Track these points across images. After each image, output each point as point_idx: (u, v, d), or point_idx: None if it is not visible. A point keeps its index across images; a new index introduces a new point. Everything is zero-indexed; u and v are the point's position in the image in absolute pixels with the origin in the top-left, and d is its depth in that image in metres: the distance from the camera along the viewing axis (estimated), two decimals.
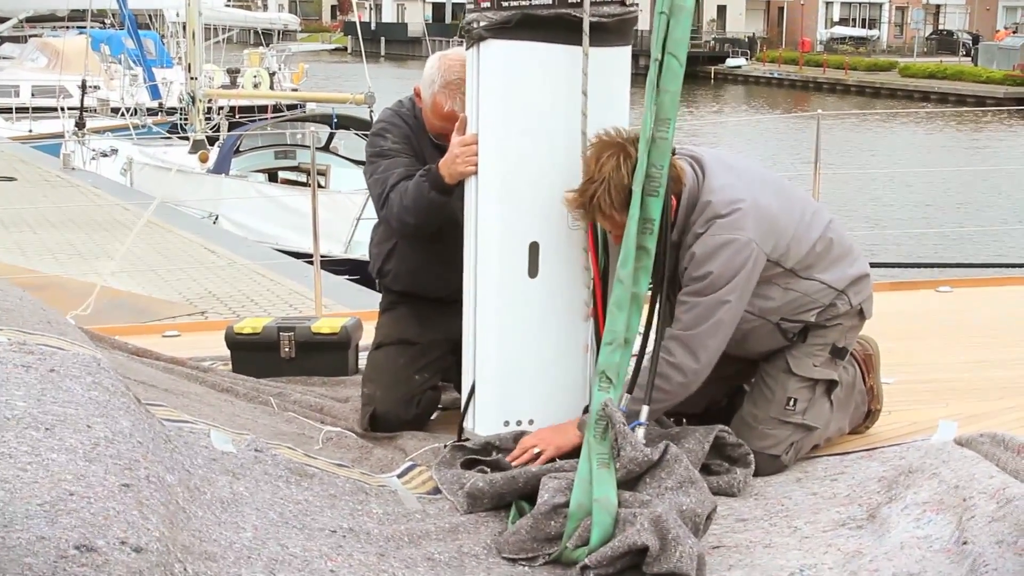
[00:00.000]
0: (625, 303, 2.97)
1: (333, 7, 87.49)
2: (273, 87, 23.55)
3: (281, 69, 25.82)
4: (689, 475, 2.87)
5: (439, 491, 3.17)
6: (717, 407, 3.61)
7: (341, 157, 15.13)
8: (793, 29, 63.87)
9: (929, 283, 6.44)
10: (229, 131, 17.52)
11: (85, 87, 19.82)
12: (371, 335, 4.06)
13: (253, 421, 3.57)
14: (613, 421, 2.87)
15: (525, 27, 3.18)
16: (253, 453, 2.91)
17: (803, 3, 64.12)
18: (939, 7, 66.43)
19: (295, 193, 13.38)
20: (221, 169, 14.74)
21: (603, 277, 3.33)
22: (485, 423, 3.36)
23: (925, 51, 59.28)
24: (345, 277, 9.60)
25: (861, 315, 3.46)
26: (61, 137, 18.34)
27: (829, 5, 65.09)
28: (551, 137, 3.26)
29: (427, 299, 3.84)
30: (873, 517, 2.95)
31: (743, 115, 38.82)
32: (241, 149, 15.32)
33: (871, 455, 3.45)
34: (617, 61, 3.33)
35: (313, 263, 6.60)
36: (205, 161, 15.44)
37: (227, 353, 4.49)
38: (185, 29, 18.66)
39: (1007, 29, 57.89)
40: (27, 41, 30.38)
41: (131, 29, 23.55)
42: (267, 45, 28.08)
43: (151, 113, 21.49)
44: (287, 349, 4.40)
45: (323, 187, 14.16)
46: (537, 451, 3.17)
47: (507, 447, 3.26)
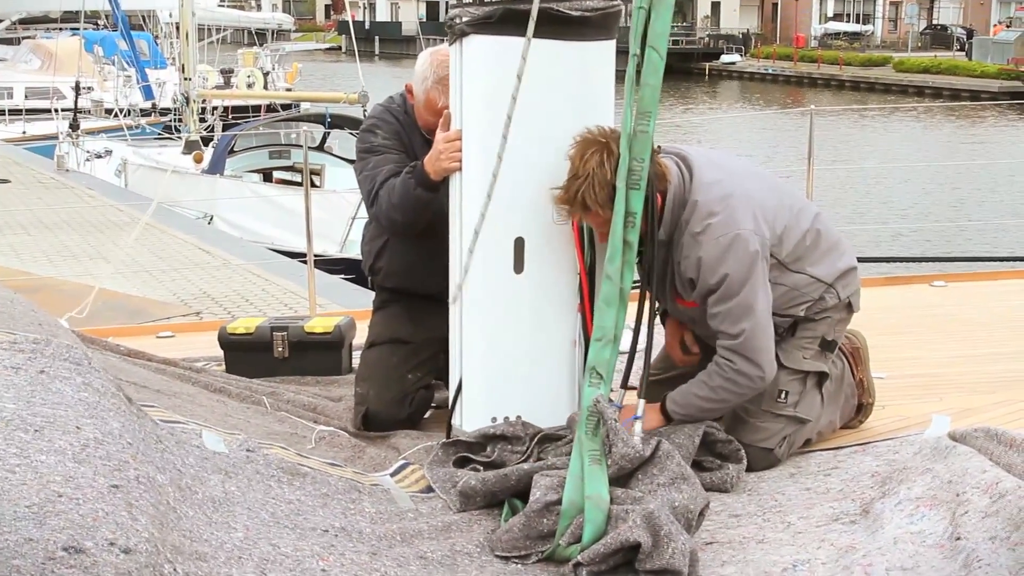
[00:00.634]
0: (614, 299, 2.97)
1: (327, 6, 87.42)
2: (267, 87, 23.53)
3: (275, 69, 25.80)
4: (681, 471, 2.87)
5: (432, 490, 3.16)
6: None
7: (336, 156, 15.11)
8: (787, 25, 63.86)
9: (923, 278, 6.43)
10: (223, 131, 17.50)
11: (79, 88, 19.79)
12: (364, 334, 4.06)
13: (246, 421, 3.56)
14: (604, 417, 2.86)
15: (508, 22, 3.17)
16: (245, 453, 2.91)
17: None
18: (933, 2, 66.46)
19: (289, 193, 13.37)
20: (215, 169, 14.71)
21: (589, 273, 3.33)
22: (472, 419, 3.36)
23: (919, 46, 59.30)
24: (340, 276, 9.60)
25: (849, 308, 3.46)
26: (55, 139, 18.33)
27: (823, 1, 65.10)
28: (535, 132, 3.25)
29: (419, 296, 3.83)
30: (866, 512, 2.94)
31: (738, 111, 38.83)
32: (235, 149, 15.29)
33: (864, 450, 3.44)
34: (601, 55, 3.32)
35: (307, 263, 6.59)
36: (200, 161, 15.40)
37: (221, 353, 4.49)
38: (178, 29, 18.64)
39: (1001, 23, 57.89)
40: (20, 43, 30.38)
41: (124, 30, 23.51)
42: (261, 45, 28.07)
43: (145, 114, 21.48)
44: (280, 349, 4.40)
45: (318, 187, 14.14)
46: None
47: (511, 434, 3.24)
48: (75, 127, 18.52)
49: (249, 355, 4.41)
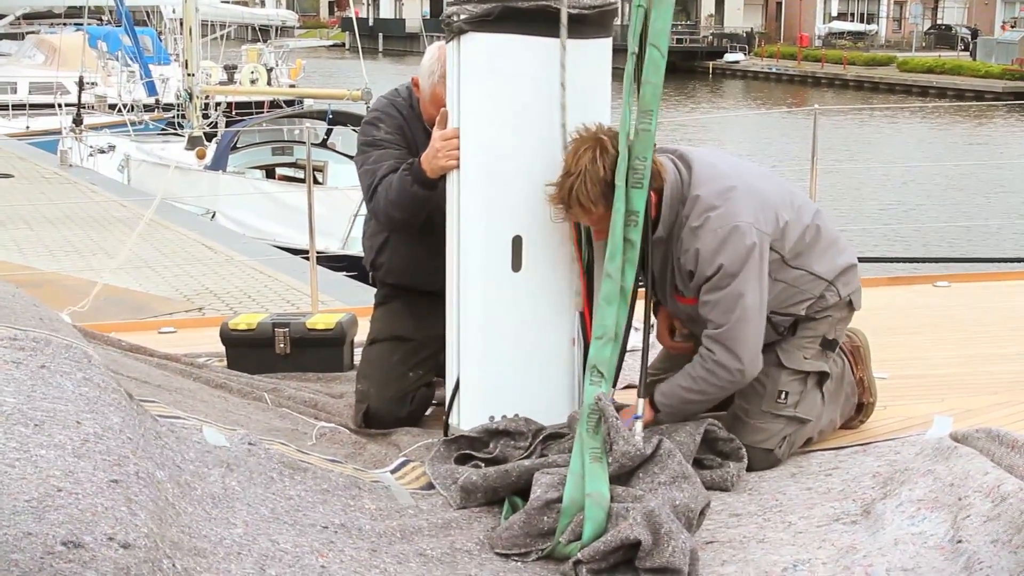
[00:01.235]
0: (614, 297, 2.96)
1: (331, 3, 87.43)
2: (271, 83, 23.52)
3: (278, 65, 25.78)
4: (682, 470, 2.86)
5: (432, 487, 3.16)
6: None
7: (338, 153, 15.09)
8: (791, 24, 63.78)
9: (926, 278, 6.43)
10: (226, 127, 17.49)
11: (82, 84, 19.80)
12: (366, 331, 4.05)
13: (247, 417, 3.55)
14: (606, 415, 2.86)
15: (505, 20, 3.17)
16: (246, 446, 2.90)
17: None
18: (937, 1, 66.39)
19: (292, 189, 13.37)
20: (218, 166, 14.71)
21: (588, 271, 3.32)
22: (470, 419, 3.35)
23: (923, 45, 59.20)
24: (343, 273, 9.59)
25: (850, 306, 3.46)
26: (58, 134, 18.33)
27: (827, 0, 65.02)
28: (533, 130, 3.25)
29: (421, 292, 3.81)
30: (867, 512, 2.94)
31: (741, 111, 38.79)
32: (238, 145, 15.29)
33: (866, 450, 3.44)
34: (598, 53, 3.31)
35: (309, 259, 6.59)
36: (202, 158, 15.41)
37: (223, 349, 4.49)
38: (182, 25, 18.63)
39: (1006, 24, 57.81)
40: (24, 38, 30.40)
41: (128, 26, 23.50)
42: (264, 41, 28.04)
43: (148, 110, 21.48)
44: (282, 345, 4.40)
45: (320, 183, 14.13)
46: None
47: (513, 430, 3.24)
48: (78, 122, 18.54)
49: (251, 351, 4.41)
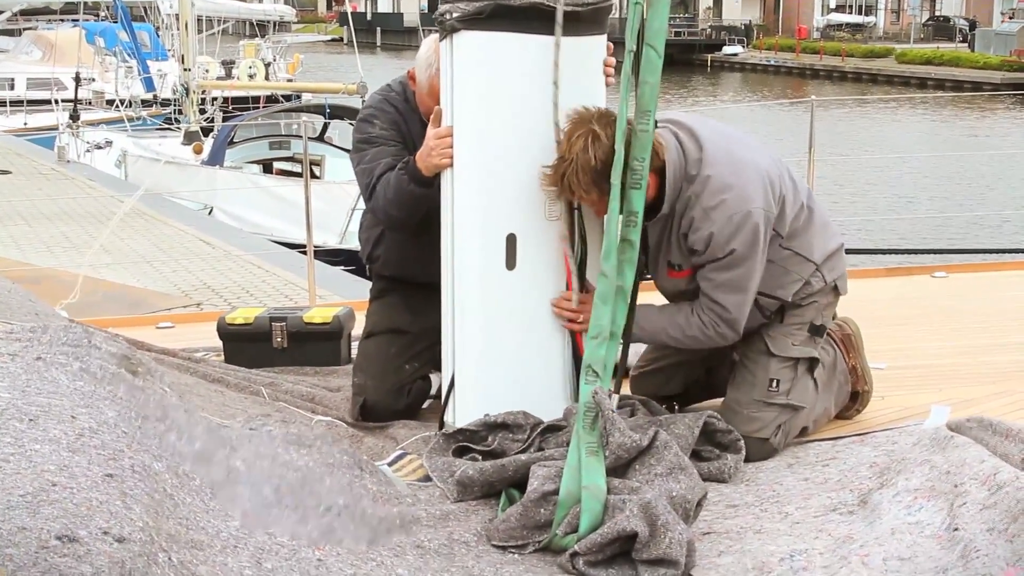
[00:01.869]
0: (610, 297, 2.95)
1: None
2: (268, 78, 23.48)
3: (276, 60, 25.73)
4: (679, 461, 2.86)
5: (429, 479, 3.16)
6: (698, 386, 3.69)
7: (335, 147, 15.09)
8: (789, 16, 63.73)
9: (925, 269, 6.43)
10: (223, 122, 17.49)
11: (79, 80, 19.77)
12: (363, 325, 4.05)
13: (243, 411, 3.55)
14: (602, 408, 2.85)
15: (498, 18, 3.16)
16: (248, 432, 2.89)
17: None
18: None
19: (289, 184, 13.36)
20: (215, 160, 14.72)
21: (579, 269, 3.32)
22: (465, 416, 3.34)
23: (922, 37, 59.14)
24: (340, 267, 9.59)
25: (836, 292, 3.48)
26: (55, 130, 18.32)
27: None
28: (526, 128, 3.24)
29: (418, 284, 3.81)
30: (864, 503, 2.94)
31: (740, 103, 38.78)
32: (235, 140, 15.29)
33: (863, 440, 3.44)
34: (592, 50, 3.30)
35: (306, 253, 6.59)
36: (199, 153, 15.40)
37: (220, 344, 4.48)
38: (179, 20, 18.61)
39: (1005, 15, 57.76)
40: (21, 34, 30.34)
41: (125, 21, 23.46)
42: (262, 36, 27.99)
43: (146, 105, 21.46)
44: (279, 339, 4.39)
45: (318, 177, 14.13)
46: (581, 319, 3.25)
47: (512, 423, 3.23)
48: (75, 118, 18.52)
49: (248, 345, 4.40)
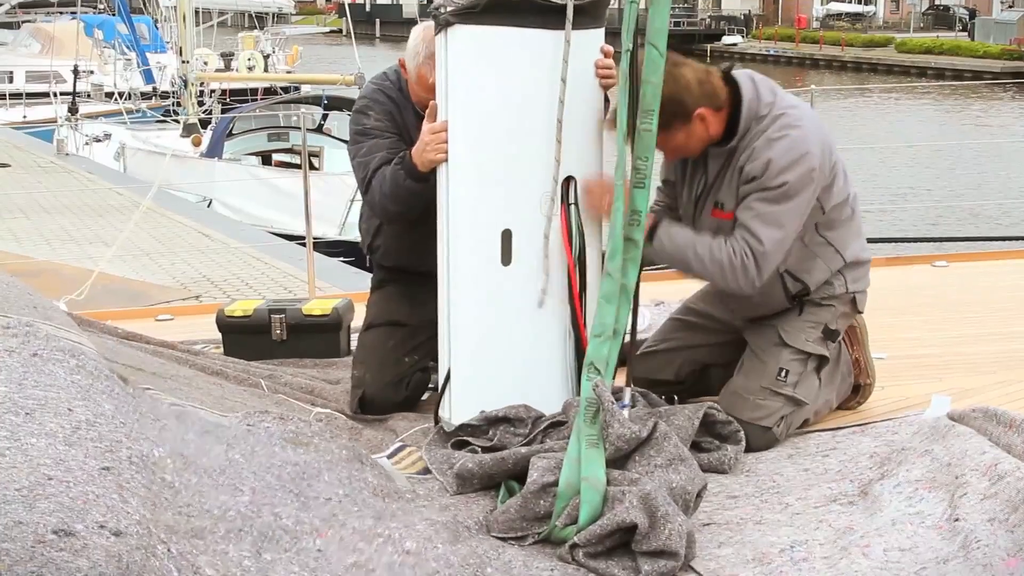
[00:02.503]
0: (614, 295, 2.94)
1: None
2: (267, 70, 23.47)
3: (275, 52, 25.72)
4: (679, 452, 2.85)
5: (428, 471, 3.15)
6: (693, 378, 3.69)
7: (334, 138, 15.07)
8: (789, 6, 63.61)
9: (925, 258, 6.42)
10: (222, 114, 17.47)
11: (77, 72, 19.75)
12: (362, 316, 4.04)
13: (242, 403, 3.53)
14: (602, 400, 2.84)
15: (493, 11, 3.13)
16: (245, 427, 2.88)
17: None
18: None
19: (288, 176, 13.35)
20: (214, 153, 14.71)
21: (578, 263, 3.31)
22: (461, 413, 3.32)
23: (921, 26, 59.08)
24: (339, 259, 9.58)
25: (854, 304, 3.52)
26: (54, 123, 18.30)
27: None
28: (522, 123, 3.22)
29: (418, 274, 3.78)
30: (865, 493, 2.93)
31: None
32: (234, 132, 15.27)
33: (863, 430, 3.43)
34: (590, 44, 3.28)
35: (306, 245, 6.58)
36: (198, 145, 15.39)
37: (219, 336, 4.47)
38: (177, 12, 18.59)
39: (1004, 4, 57.68)
40: (20, 27, 30.34)
41: (124, 14, 23.44)
42: (261, 28, 27.97)
43: (146, 97, 21.44)
44: (278, 331, 4.38)
45: (317, 169, 14.11)
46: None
47: (514, 416, 3.23)
48: (74, 111, 18.50)
49: (247, 338, 4.39)
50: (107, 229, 11.04)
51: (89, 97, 21.66)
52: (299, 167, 13.41)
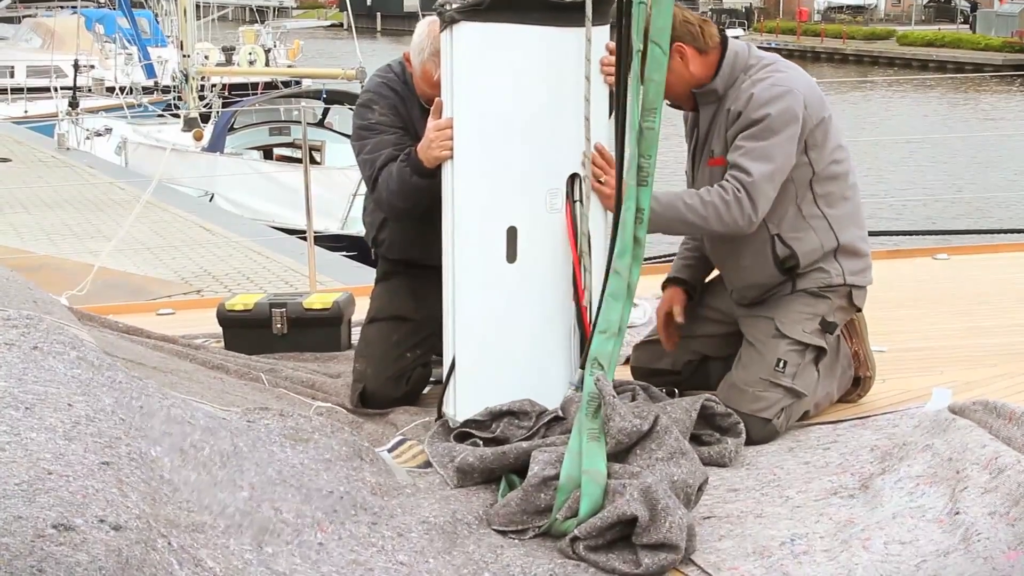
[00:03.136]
0: (621, 294, 2.94)
1: None
2: (268, 64, 23.44)
3: (276, 46, 25.69)
4: (680, 446, 2.85)
5: (430, 464, 3.15)
6: (691, 368, 3.71)
7: (336, 132, 15.04)
8: None
9: (926, 251, 6.41)
10: (222, 109, 17.45)
11: (78, 67, 19.73)
12: (364, 311, 4.03)
13: (243, 398, 3.54)
14: (604, 394, 2.84)
15: (498, 9, 3.14)
16: (245, 423, 2.88)
17: None
18: None
19: (289, 170, 13.33)
20: (216, 147, 14.68)
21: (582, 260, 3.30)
22: (465, 409, 3.32)
23: (923, 19, 59.00)
24: (341, 253, 9.57)
25: (851, 300, 3.50)
26: (55, 117, 18.29)
27: None
28: (526, 120, 3.22)
29: (423, 267, 3.76)
30: (866, 487, 2.93)
31: None
32: (235, 127, 15.25)
33: (864, 423, 3.43)
34: (596, 41, 3.27)
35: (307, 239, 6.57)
36: (200, 139, 15.37)
37: (220, 330, 4.47)
38: (178, 6, 18.58)
39: None
40: (21, 21, 30.32)
41: (124, 8, 23.41)
42: (262, 22, 27.96)
43: (147, 92, 21.42)
44: (279, 325, 4.38)
45: (318, 163, 14.09)
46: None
47: (517, 409, 3.22)
48: (74, 105, 18.48)
49: (248, 332, 4.38)
50: (108, 224, 11.03)
51: (90, 91, 21.62)
52: (300, 161, 13.41)
